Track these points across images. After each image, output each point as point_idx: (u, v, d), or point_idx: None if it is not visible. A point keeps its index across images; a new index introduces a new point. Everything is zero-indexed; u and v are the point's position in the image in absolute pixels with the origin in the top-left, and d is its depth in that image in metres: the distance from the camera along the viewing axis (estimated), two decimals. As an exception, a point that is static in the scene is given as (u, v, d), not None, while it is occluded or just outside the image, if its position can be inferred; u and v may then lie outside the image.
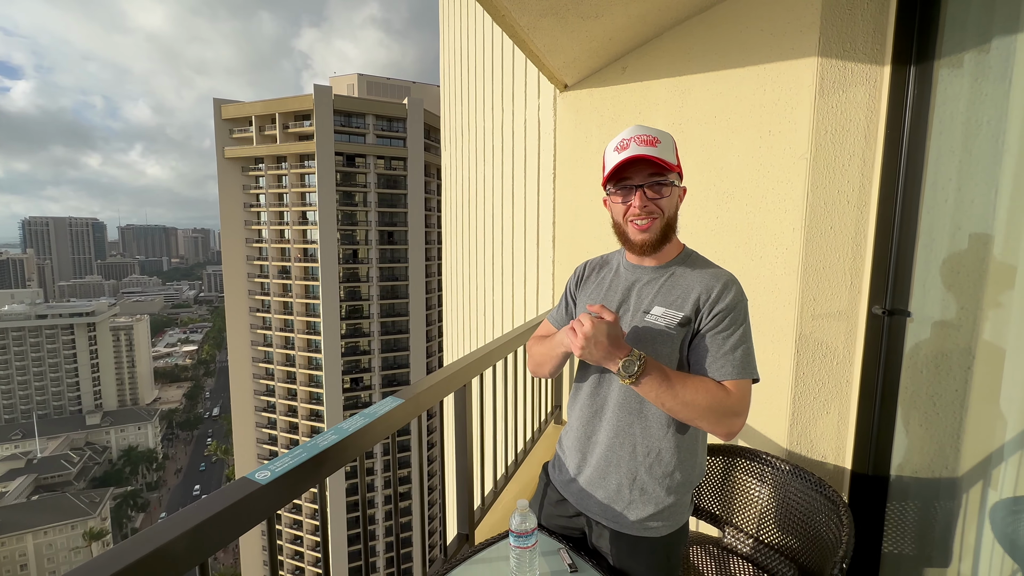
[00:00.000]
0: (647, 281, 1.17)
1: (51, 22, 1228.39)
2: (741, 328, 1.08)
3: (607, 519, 1.19)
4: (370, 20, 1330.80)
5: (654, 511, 1.15)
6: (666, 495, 1.15)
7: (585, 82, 2.57)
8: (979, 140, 1.44)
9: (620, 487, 1.16)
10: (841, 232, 1.75)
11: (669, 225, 1.13)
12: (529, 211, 3.66)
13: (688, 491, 1.19)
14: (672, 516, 1.17)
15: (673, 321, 1.10)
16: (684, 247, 1.21)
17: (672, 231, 1.15)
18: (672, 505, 1.16)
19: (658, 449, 1.14)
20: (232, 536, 0.86)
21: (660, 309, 1.12)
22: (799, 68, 1.75)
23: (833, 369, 1.80)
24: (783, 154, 1.82)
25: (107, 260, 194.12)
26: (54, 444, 58.15)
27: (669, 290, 1.13)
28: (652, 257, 1.17)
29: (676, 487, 1.16)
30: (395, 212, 40.25)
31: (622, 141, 1.11)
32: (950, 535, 1.50)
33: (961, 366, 1.47)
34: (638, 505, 1.15)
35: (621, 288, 1.20)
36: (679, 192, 1.16)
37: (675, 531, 1.18)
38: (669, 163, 1.08)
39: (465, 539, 1.85)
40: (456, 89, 5.38)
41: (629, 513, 1.16)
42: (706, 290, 1.10)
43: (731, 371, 1.05)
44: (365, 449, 1.25)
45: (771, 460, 1.66)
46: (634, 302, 1.17)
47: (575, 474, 1.24)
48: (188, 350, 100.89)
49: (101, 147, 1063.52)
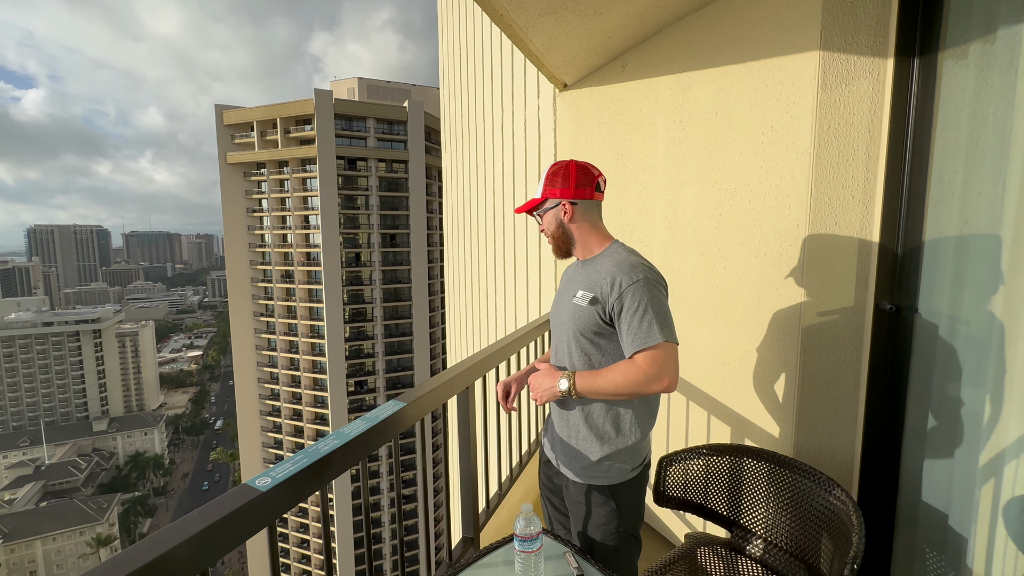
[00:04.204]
0: (580, 272, 1.48)
1: (66, 31, 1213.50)
2: (640, 304, 1.28)
3: (568, 467, 1.44)
4: (383, 24, 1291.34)
5: (594, 459, 1.38)
6: (602, 446, 1.38)
7: (585, 81, 2.55)
8: (986, 132, 1.42)
9: (569, 438, 1.43)
10: (846, 228, 1.72)
11: (561, 239, 1.47)
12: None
13: (638, 439, 1.39)
14: (621, 461, 1.39)
15: (586, 300, 1.37)
16: (610, 244, 1.46)
17: (569, 240, 1.47)
18: (612, 455, 1.38)
19: (588, 408, 1.39)
20: (233, 544, 0.85)
21: (581, 292, 1.40)
22: (801, 62, 1.74)
23: (840, 366, 1.77)
24: (786, 150, 1.80)
25: (112, 267, 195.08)
26: (61, 451, 58.44)
27: (587, 277, 1.42)
28: (580, 254, 1.49)
29: (612, 438, 1.38)
30: (397, 215, 40.33)
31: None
32: (963, 534, 1.47)
33: (972, 361, 1.45)
34: (582, 455, 1.40)
35: (568, 282, 1.52)
36: (556, 211, 1.46)
37: (627, 481, 1.40)
38: (531, 202, 1.49)
39: (470, 542, 1.84)
40: (456, 91, 5.38)
41: (577, 461, 1.41)
42: (608, 280, 1.33)
43: (636, 344, 1.26)
44: (368, 453, 1.24)
45: (779, 459, 1.64)
46: (569, 290, 1.47)
47: (552, 427, 1.52)
48: (193, 355, 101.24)
49: (112, 155, 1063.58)
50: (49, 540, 42.86)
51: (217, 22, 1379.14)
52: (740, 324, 1.99)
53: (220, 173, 40.02)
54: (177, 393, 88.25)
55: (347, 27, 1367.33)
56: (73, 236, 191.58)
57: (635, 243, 1.76)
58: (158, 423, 67.33)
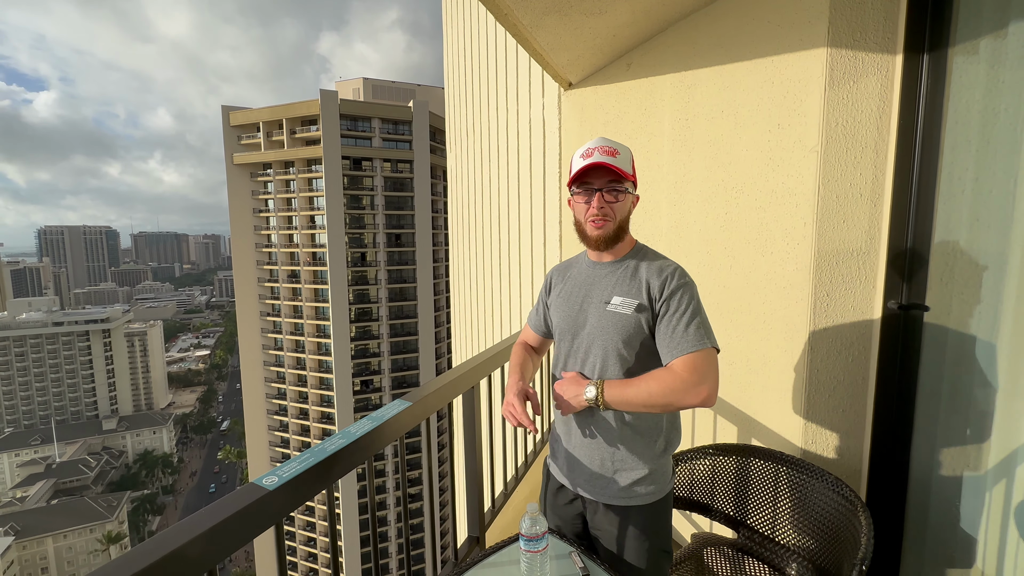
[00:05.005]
0: (606, 275, 1.32)
1: (78, 33, 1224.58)
2: (688, 308, 1.19)
3: (596, 494, 1.30)
4: (391, 24, 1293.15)
5: (637, 478, 1.27)
6: (645, 462, 1.27)
7: (590, 80, 2.54)
8: (997, 129, 1.40)
9: (603, 461, 1.29)
10: (854, 226, 1.71)
11: (621, 227, 1.29)
12: (535, 210, 3.65)
13: (666, 458, 1.31)
14: (655, 482, 1.28)
15: (630, 308, 1.23)
16: (636, 243, 1.36)
17: (624, 232, 1.31)
18: (653, 471, 1.28)
19: (630, 422, 1.26)
20: (240, 542, 0.86)
21: (619, 299, 1.26)
22: (808, 59, 1.72)
23: (849, 366, 1.76)
24: (793, 147, 1.79)
25: (121, 267, 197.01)
26: (72, 449, 59.16)
27: (624, 281, 1.28)
28: (608, 253, 1.32)
29: (655, 455, 1.28)
30: (402, 214, 40.44)
31: (587, 150, 1.26)
32: (973, 535, 1.46)
33: (982, 361, 1.43)
34: (622, 475, 1.27)
35: (585, 284, 1.36)
36: (632, 199, 1.32)
37: (661, 499, 1.30)
38: (625, 172, 1.25)
39: (475, 542, 1.84)
40: (460, 90, 5.38)
41: (614, 483, 1.28)
42: (656, 280, 1.23)
43: (679, 349, 1.16)
44: (374, 452, 1.24)
45: (786, 459, 1.63)
46: (596, 295, 1.31)
47: (565, 458, 1.37)
48: (201, 355, 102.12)
49: (122, 156, 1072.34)
50: (60, 537, 43.43)
51: (226, 23, 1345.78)
52: (746, 323, 1.98)
53: (227, 174, 40.29)
54: (185, 392, 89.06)
55: (355, 27, 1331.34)
56: (83, 237, 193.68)
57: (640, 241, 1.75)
58: (166, 422, 68.01)
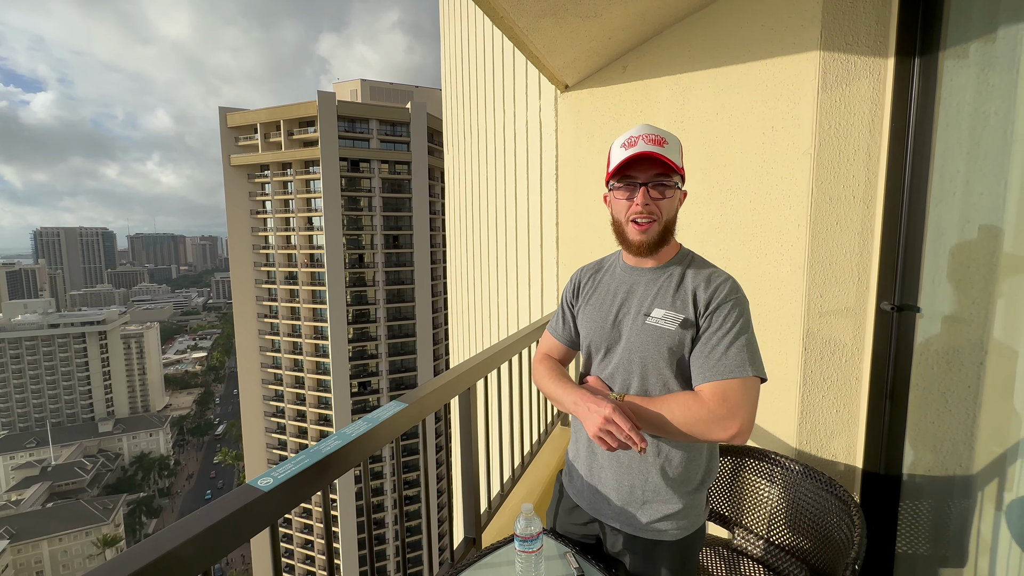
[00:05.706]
0: (646, 283, 1.16)
1: (77, 34, 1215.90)
2: (734, 327, 1.04)
3: (621, 523, 1.18)
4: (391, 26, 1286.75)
5: (669, 512, 1.14)
6: (680, 496, 1.14)
7: (586, 82, 2.56)
8: (987, 132, 1.41)
9: (633, 489, 1.15)
10: (847, 227, 1.72)
11: (667, 228, 1.12)
12: (532, 212, 3.65)
13: (703, 491, 1.19)
14: (687, 517, 1.16)
15: (674, 323, 1.08)
16: (681, 247, 1.20)
17: (670, 234, 1.14)
18: (687, 507, 1.15)
19: (668, 450, 1.13)
20: (235, 544, 0.86)
21: (660, 311, 1.11)
22: (801, 63, 1.74)
23: (842, 366, 1.77)
24: (786, 150, 1.80)
25: (117, 269, 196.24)
26: (68, 451, 58.80)
27: (668, 292, 1.12)
28: (651, 258, 1.15)
29: (691, 489, 1.15)
30: (400, 216, 40.41)
31: (630, 138, 1.09)
32: (965, 535, 1.47)
33: (973, 361, 1.44)
34: (652, 507, 1.14)
35: (620, 291, 1.19)
36: (680, 195, 1.14)
37: (691, 534, 1.17)
38: (675, 164, 1.07)
39: (472, 543, 1.84)
40: (458, 92, 5.39)
41: (643, 515, 1.15)
42: (704, 292, 1.08)
43: (715, 373, 1.02)
44: (370, 454, 1.24)
45: (780, 460, 1.64)
46: (634, 305, 1.15)
47: (587, 480, 1.24)
48: (198, 357, 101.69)
49: (119, 157, 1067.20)
50: (56, 540, 43.12)
51: (227, 24, 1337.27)
52: (741, 324, 1.99)
53: (224, 175, 40.21)
54: (182, 394, 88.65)
55: (355, 29, 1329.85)
56: (79, 238, 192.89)
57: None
58: (163, 424, 67.68)
